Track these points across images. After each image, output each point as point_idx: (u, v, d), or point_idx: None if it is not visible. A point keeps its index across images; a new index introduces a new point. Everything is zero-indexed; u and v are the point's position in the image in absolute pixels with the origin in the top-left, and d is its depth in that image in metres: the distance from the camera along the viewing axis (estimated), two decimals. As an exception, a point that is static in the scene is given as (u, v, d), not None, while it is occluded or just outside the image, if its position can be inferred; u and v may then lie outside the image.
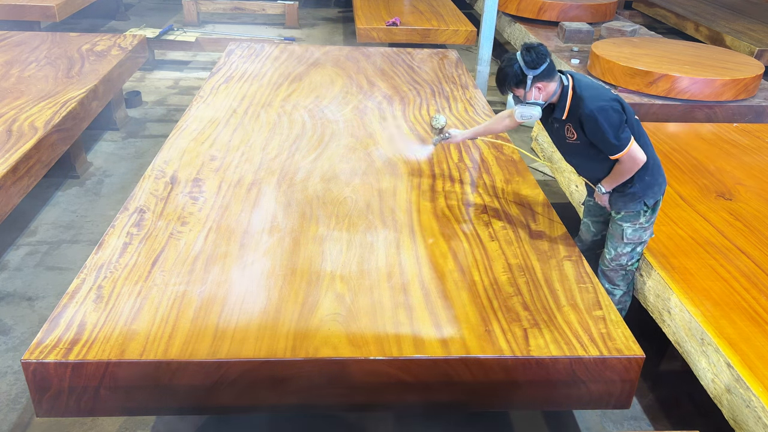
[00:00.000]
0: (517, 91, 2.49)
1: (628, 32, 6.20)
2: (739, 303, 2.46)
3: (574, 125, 2.52)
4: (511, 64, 2.43)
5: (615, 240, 2.73)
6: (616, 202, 2.66)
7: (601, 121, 2.40)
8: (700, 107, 4.55)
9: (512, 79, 2.45)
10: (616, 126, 2.41)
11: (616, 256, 2.75)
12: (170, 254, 2.51)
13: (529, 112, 2.49)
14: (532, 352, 2.10)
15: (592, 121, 2.41)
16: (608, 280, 2.82)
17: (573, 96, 2.48)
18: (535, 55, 2.40)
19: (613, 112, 2.41)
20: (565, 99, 2.49)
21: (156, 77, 6.51)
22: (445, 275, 2.47)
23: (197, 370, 2.01)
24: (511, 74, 2.44)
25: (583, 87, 2.48)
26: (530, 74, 2.41)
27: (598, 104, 2.41)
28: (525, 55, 2.40)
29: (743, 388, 2.09)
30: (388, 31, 6.40)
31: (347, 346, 2.08)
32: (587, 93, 2.45)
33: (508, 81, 2.46)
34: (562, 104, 2.51)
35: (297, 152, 3.45)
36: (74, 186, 4.30)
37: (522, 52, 2.42)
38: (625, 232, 2.67)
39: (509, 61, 2.45)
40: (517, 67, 2.42)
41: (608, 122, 2.40)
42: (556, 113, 2.55)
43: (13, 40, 5.14)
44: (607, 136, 2.42)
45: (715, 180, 3.47)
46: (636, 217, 2.64)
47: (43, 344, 2.03)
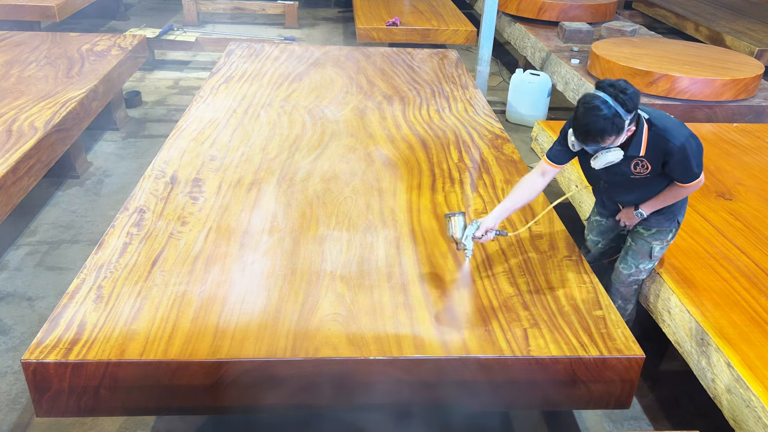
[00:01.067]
0: (610, 140, 2.17)
1: (628, 32, 6.20)
2: (739, 303, 2.47)
3: (651, 160, 2.31)
4: (605, 113, 2.09)
5: (639, 257, 2.62)
6: (648, 219, 2.55)
7: (690, 152, 2.24)
8: (700, 107, 4.55)
9: (611, 129, 2.12)
10: (698, 154, 2.28)
11: (636, 273, 2.65)
12: (170, 254, 2.51)
13: (614, 157, 2.23)
14: (532, 352, 2.10)
15: (683, 154, 2.24)
16: (622, 296, 2.75)
17: (650, 131, 2.26)
18: (632, 95, 2.11)
19: (694, 140, 2.27)
20: (641, 135, 2.26)
21: (156, 77, 6.51)
22: (445, 275, 2.47)
23: (197, 370, 2.01)
24: (609, 125, 2.10)
25: (659, 119, 2.27)
26: (628, 118, 2.14)
27: (684, 135, 2.24)
28: (620, 97, 2.10)
29: (743, 388, 2.09)
30: (388, 31, 6.40)
31: (347, 346, 2.08)
32: (667, 125, 2.26)
33: (607, 132, 2.12)
34: (637, 140, 2.26)
35: (297, 152, 3.45)
36: (74, 186, 4.30)
37: (613, 94, 2.10)
38: (653, 249, 2.58)
39: (599, 109, 2.09)
40: (615, 113, 2.10)
41: (694, 153, 2.26)
42: (631, 150, 2.28)
43: (13, 40, 5.14)
44: (691, 166, 2.28)
45: (715, 180, 3.47)
46: (666, 235, 2.56)
47: (43, 344, 2.03)
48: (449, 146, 3.61)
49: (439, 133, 3.79)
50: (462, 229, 2.37)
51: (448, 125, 3.91)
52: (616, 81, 2.16)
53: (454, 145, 3.64)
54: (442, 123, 3.94)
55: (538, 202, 3.03)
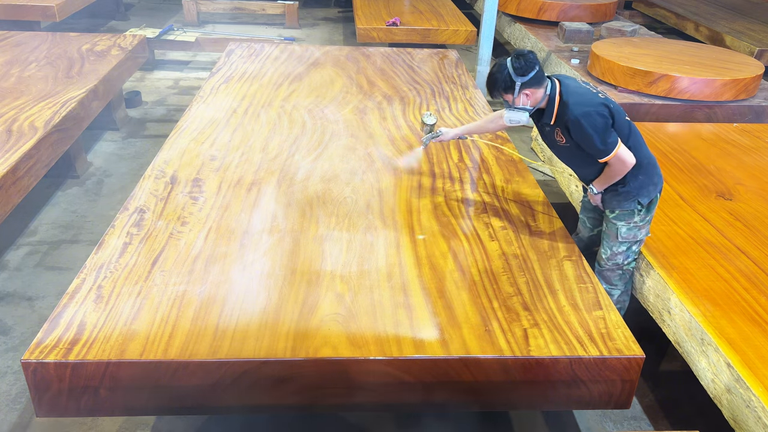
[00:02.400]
0: (506, 97, 2.53)
1: (628, 32, 6.20)
2: (739, 303, 2.46)
3: (562, 130, 2.57)
4: (500, 70, 2.47)
5: (610, 239, 2.74)
6: (610, 201, 2.68)
7: (586, 126, 2.44)
8: (700, 107, 4.55)
9: (501, 84, 2.49)
10: (601, 131, 2.45)
11: (611, 255, 2.75)
12: (170, 254, 2.51)
13: (517, 117, 2.55)
14: (532, 352, 2.10)
15: (578, 126, 2.46)
16: (605, 280, 2.82)
17: (560, 102, 2.52)
18: (524, 62, 2.43)
19: (598, 116, 2.44)
20: (553, 105, 2.53)
21: (156, 77, 6.51)
22: (445, 275, 2.47)
23: (197, 370, 2.01)
24: (500, 80, 2.48)
25: (570, 93, 2.51)
26: (518, 81, 2.45)
27: (583, 110, 2.45)
28: (514, 62, 2.44)
29: (743, 388, 2.09)
30: (388, 31, 6.40)
31: (347, 346, 2.08)
32: (573, 99, 2.48)
33: (497, 86, 2.51)
34: (549, 110, 2.55)
35: (297, 152, 3.45)
36: (74, 186, 4.30)
37: (512, 59, 2.45)
38: (620, 230, 2.68)
39: (499, 67, 2.49)
40: (507, 74, 2.45)
41: (593, 127, 2.44)
42: (545, 119, 2.59)
43: (13, 40, 5.14)
44: (593, 141, 2.46)
45: (715, 180, 3.47)
46: (630, 216, 2.65)
47: (43, 344, 2.03)
48: (449, 146, 3.61)
49: (439, 133, 3.78)
50: (428, 132, 3.13)
51: (448, 125, 3.91)
52: (524, 50, 2.47)
53: (454, 144, 3.63)
54: (442, 123, 3.94)
55: (538, 202, 3.04)
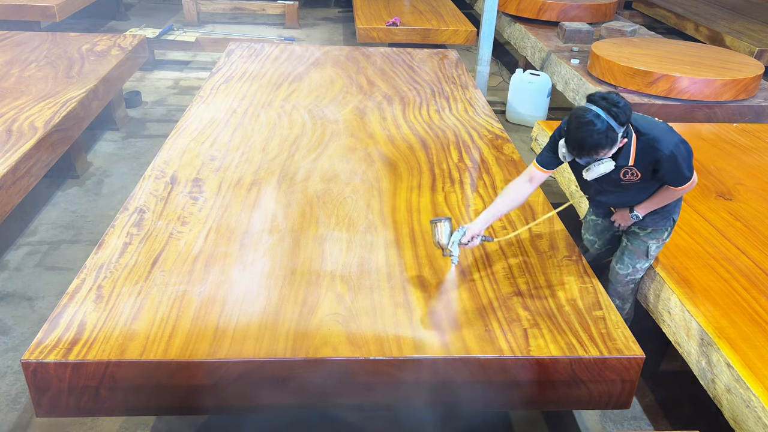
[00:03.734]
0: (602, 153, 2.18)
1: (628, 32, 6.20)
2: (739, 303, 2.46)
3: (641, 168, 2.32)
4: (598, 127, 2.09)
5: (635, 257, 2.63)
6: (644, 219, 2.55)
7: (680, 158, 2.26)
8: (700, 107, 4.54)
9: (605, 142, 2.12)
10: (688, 158, 2.30)
11: (633, 272, 2.66)
12: (170, 254, 2.51)
13: (606, 168, 2.22)
14: (532, 352, 2.10)
15: (673, 161, 2.26)
16: (619, 296, 2.76)
17: (638, 140, 2.27)
18: (624, 108, 2.11)
19: (683, 145, 2.28)
20: (630, 145, 2.27)
21: (156, 77, 6.51)
22: (445, 275, 2.46)
23: (197, 371, 2.01)
24: (603, 138, 2.10)
25: (647, 128, 2.28)
26: (621, 131, 2.14)
27: (673, 142, 2.25)
28: (613, 110, 2.09)
29: (743, 388, 2.09)
30: (388, 31, 6.40)
31: (347, 347, 2.08)
32: (657, 134, 2.26)
33: (601, 146, 2.13)
34: (626, 150, 2.28)
35: (297, 152, 3.45)
36: (74, 186, 4.30)
37: (605, 107, 2.09)
38: (650, 248, 2.59)
39: (593, 123, 2.09)
40: (609, 127, 2.10)
41: (683, 158, 2.27)
42: (620, 161, 2.29)
43: (13, 40, 5.14)
44: (683, 171, 2.30)
45: (715, 180, 3.47)
46: (662, 234, 2.57)
47: (43, 344, 2.03)
48: (449, 146, 3.61)
49: (439, 133, 3.79)
50: (448, 235, 2.35)
51: (448, 125, 3.91)
52: (608, 94, 2.15)
53: (454, 145, 3.64)
54: (442, 123, 3.94)
55: (538, 202, 3.04)
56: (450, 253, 2.37)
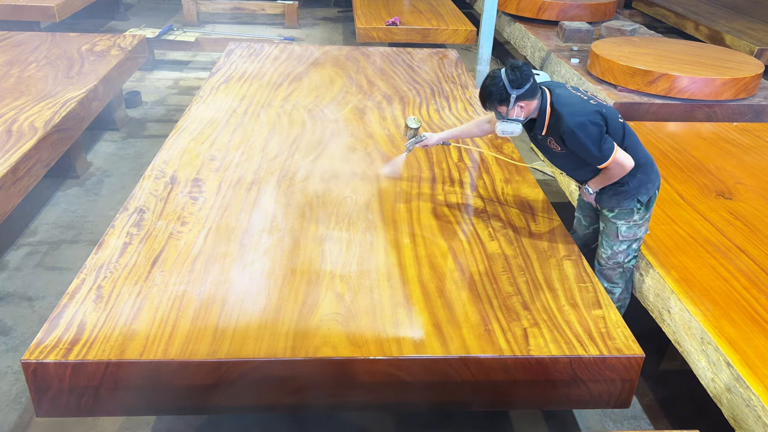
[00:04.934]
0: (500, 109, 2.52)
1: (627, 31, 6.20)
2: (739, 302, 2.46)
3: (555, 139, 2.57)
4: (495, 83, 2.46)
5: (610, 238, 2.73)
6: (609, 201, 2.68)
7: (581, 136, 2.44)
8: (699, 106, 4.54)
9: (496, 96, 2.48)
10: (596, 139, 2.45)
11: (612, 255, 2.75)
12: (170, 254, 2.51)
13: (510, 128, 2.55)
14: (532, 352, 2.10)
15: (573, 136, 2.46)
16: (606, 278, 2.82)
17: (551, 112, 2.52)
18: (519, 74, 2.43)
19: (592, 126, 2.45)
20: (544, 115, 2.54)
21: (156, 77, 6.51)
22: (444, 275, 2.47)
23: (197, 371, 2.02)
24: (495, 92, 2.47)
25: (561, 103, 2.51)
26: (514, 93, 2.45)
27: (576, 120, 2.45)
28: (510, 74, 2.43)
29: (743, 387, 2.09)
30: (388, 30, 6.40)
31: (347, 346, 2.08)
32: (566, 110, 2.48)
33: (492, 98, 2.49)
34: (541, 120, 2.55)
35: (297, 152, 3.45)
36: (74, 186, 4.30)
37: (507, 71, 2.45)
38: (620, 229, 2.69)
39: (493, 80, 2.47)
40: (502, 86, 2.45)
41: (588, 137, 2.45)
42: (536, 129, 2.59)
43: (13, 40, 5.14)
44: (589, 150, 2.47)
45: (715, 179, 3.46)
46: (630, 215, 2.66)
47: (43, 344, 2.03)
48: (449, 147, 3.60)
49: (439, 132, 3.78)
50: (411, 137, 3.06)
51: (447, 125, 3.91)
52: (519, 62, 2.47)
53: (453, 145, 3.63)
54: (442, 122, 3.94)
55: (538, 200, 3.04)
56: (407, 149, 3.09)
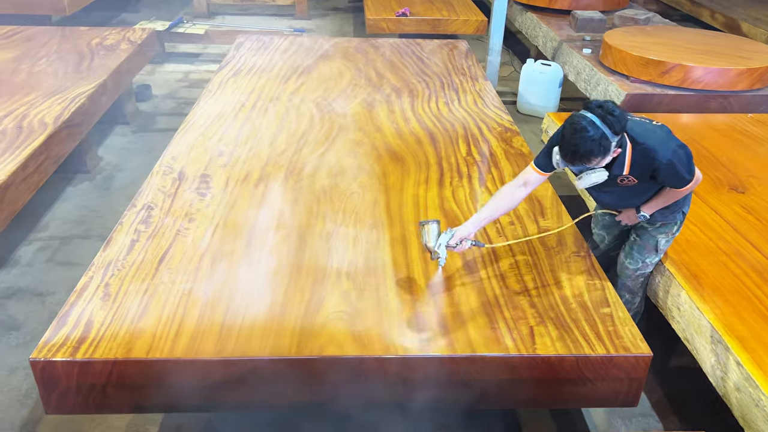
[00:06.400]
0: (595, 162, 2.13)
1: (641, 20, 6.11)
2: (751, 300, 2.43)
3: (638, 175, 2.29)
4: (592, 134, 2.05)
5: (645, 251, 2.60)
6: (654, 214, 2.51)
7: (678, 165, 2.23)
8: (714, 97, 4.48)
9: (598, 151, 2.07)
10: (687, 162, 2.26)
11: (642, 267, 2.64)
12: (177, 252, 2.51)
13: (598, 177, 2.20)
14: (538, 351, 2.08)
15: (671, 169, 2.23)
16: (629, 290, 2.74)
17: (633, 149, 2.23)
18: (620, 117, 2.07)
19: (681, 150, 2.24)
20: (625, 154, 2.24)
21: (166, 70, 6.52)
22: (451, 272, 2.45)
23: (203, 369, 2.02)
24: (596, 146, 2.05)
25: (643, 136, 2.22)
26: (615, 140, 2.10)
27: (670, 150, 2.21)
28: (608, 119, 2.05)
29: (752, 386, 2.06)
30: (398, 21, 6.36)
31: (352, 345, 2.08)
32: (654, 143, 2.21)
33: (593, 154, 2.08)
34: (621, 160, 2.24)
35: (305, 146, 3.44)
36: (85, 181, 4.32)
37: (601, 116, 2.06)
38: (659, 243, 2.57)
39: (587, 131, 2.04)
40: (603, 135, 2.05)
41: (682, 164, 2.24)
42: (615, 170, 2.26)
43: (23, 35, 5.16)
44: (683, 176, 2.27)
45: (728, 172, 3.41)
46: (671, 228, 2.55)
47: (51, 343, 2.05)
48: (458, 140, 3.58)
49: (448, 126, 3.76)
50: (436, 237, 2.31)
51: (456, 118, 3.88)
52: (604, 102, 2.11)
53: (462, 138, 3.61)
54: (451, 116, 3.91)
55: (547, 197, 3.01)
56: (437, 256, 2.34)
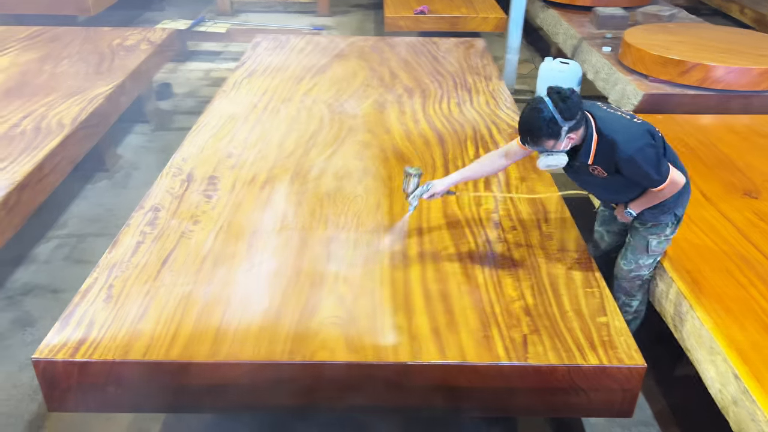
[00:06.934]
0: (547, 143, 2.23)
1: (665, 17, 5.98)
2: (754, 310, 2.38)
3: (604, 167, 2.33)
4: (542, 116, 2.16)
5: (638, 252, 2.60)
6: (644, 214, 2.51)
7: (641, 163, 2.24)
8: (735, 97, 4.37)
9: (545, 132, 2.18)
10: (655, 162, 2.26)
11: (636, 268, 2.63)
12: (180, 254, 2.56)
13: (556, 161, 2.28)
14: (530, 359, 2.08)
15: (631, 164, 2.25)
16: (625, 292, 2.72)
17: (599, 140, 2.27)
18: (570, 104, 2.16)
19: (649, 149, 2.25)
20: (590, 144, 2.29)
21: (188, 68, 6.61)
22: (448, 278, 2.46)
23: (197, 372, 2.07)
24: (544, 127, 2.17)
25: (610, 129, 2.26)
26: (566, 126, 2.18)
27: (633, 146, 2.23)
28: (559, 105, 2.15)
29: (749, 400, 2.03)
30: (416, 19, 6.34)
31: (344, 350, 2.10)
32: (619, 136, 2.24)
33: (541, 134, 2.19)
34: (587, 149, 2.30)
35: (313, 148, 3.46)
36: (104, 179, 4.42)
37: (554, 100, 2.16)
38: (650, 244, 2.56)
39: (540, 112, 2.17)
40: (551, 119, 2.16)
41: (647, 162, 2.25)
42: (581, 157, 2.33)
43: (48, 35, 5.28)
44: (649, 174, 2.28)
45: (743, 177, 3.33)
46: (663, 229, 2.53)
47: (53, 343, 2.12)
48: (466, 141, 3.57)
49: (458, 127, 3.75)
50: (414, 188, 2.60)
51: (467, 119, 3.87)
52: (563, 89, 2.20)
53: (471, 140, 3.60)
54: (462, 117, 3.90)
55: (552, 201, 2.99)
56: (411, 204, 2.65)
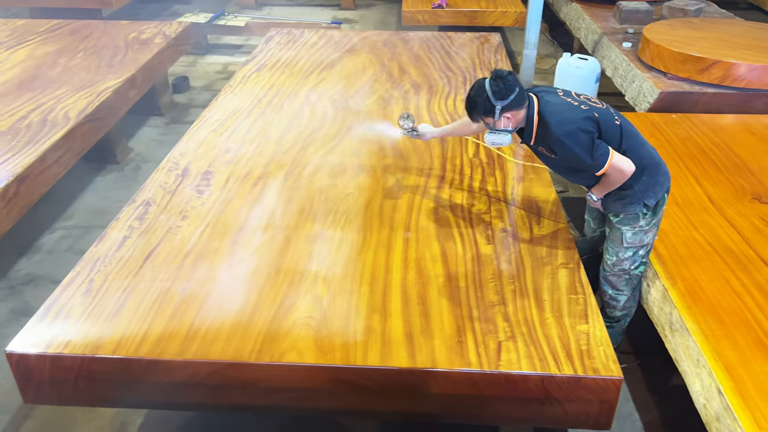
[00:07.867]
0: (486, 120, 2.42)
1: (691, 11, 5.76)
2: (748, 322, 2.27)
3: (546, 149, 2.46)
4: (479, 94, 2.36)
5: (615, 245, 2.58)
6: (613, 205, 2.52)
7: (571, 145, 2.33)
8: (758, 96, 4.18)
9: (481, 108, 2.38)
10: (587, 147, 2.33)
11: (617, 261, 2.60)
12: (164, 249, 2.57)
13: (500, 140, 2.45)
14: (502, 367, 2.02)
15: (562, 146, 2.36)
16: (611, 285, 2.67)
17: (539, 121, 2.40)
18: (503, 85, 2.32)
19: (581, 133, 2.33)
20: (531, 125, 2.43)
21: (207, 62, 6.65)
22: (430, 280, 2.41)
23: (165, 369, 2.07)
24: (479, 103, 2.37)
25: (549, 111, 2.39)
26: (498, 105, 2.34)
27: (564, 129, 2.33)
28: (493, 85, 2.32)
29: (731, 418, 1.93)
30: (434, 13, 6.25)
31: (313, 352, 2.08)
32: (553, 119, 2.36)
33: (477, 110, 2.40)
34: (529, 130, 2.45)
35: (311, 145, 3.44)
36: (113, 171, 4.48)
37: (490, 82, 2.34)
38: (625, 236, 2.53)
39: (478, 90, 2.37)
40: (485, 97, 2.34)
41: (578, 145, 2.33)
42: (525, 138, 2.49)
43: (67, 28, 5.36)
44: (581, 158, 2.35)
45: (755, 180, 3.19)
46: (635, 220, 2.49)
47: (27, 335, 2.14)
48: (467, 140, 3.50)
49: (460, 125, 3.68)
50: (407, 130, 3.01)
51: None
52: (503, 71, 2.35)
53: (471, 138, 3.52)
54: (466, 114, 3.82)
55: (548, 202, 2.91)
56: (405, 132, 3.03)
